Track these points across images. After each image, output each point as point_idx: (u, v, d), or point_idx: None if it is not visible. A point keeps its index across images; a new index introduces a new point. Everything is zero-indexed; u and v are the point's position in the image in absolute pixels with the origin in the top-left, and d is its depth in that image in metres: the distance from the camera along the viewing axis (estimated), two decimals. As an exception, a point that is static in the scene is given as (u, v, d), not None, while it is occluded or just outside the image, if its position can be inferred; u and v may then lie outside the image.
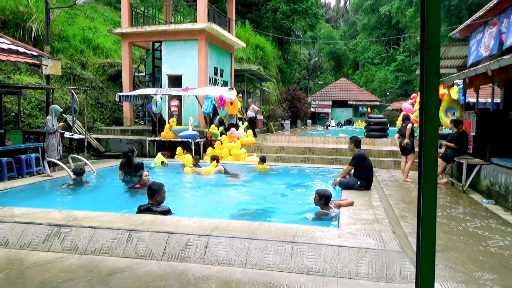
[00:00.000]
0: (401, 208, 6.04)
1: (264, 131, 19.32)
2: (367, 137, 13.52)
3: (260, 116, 19.98)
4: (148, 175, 6.83)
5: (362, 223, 4.46)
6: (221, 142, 11.45)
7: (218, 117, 13.42)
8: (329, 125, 31.57)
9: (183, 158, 10.26)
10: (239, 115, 14.25)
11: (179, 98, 13.98)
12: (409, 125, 8.36)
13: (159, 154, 10.28)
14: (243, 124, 13.07)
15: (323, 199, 5.19)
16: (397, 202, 6.46)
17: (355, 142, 6.88)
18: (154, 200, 4.80)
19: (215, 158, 8.92)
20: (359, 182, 6.65)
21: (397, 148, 10.42)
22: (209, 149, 11.40)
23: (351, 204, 5.38)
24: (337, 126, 33.80)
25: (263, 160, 9.74)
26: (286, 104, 26.14)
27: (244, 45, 17.61)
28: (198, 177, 8.55)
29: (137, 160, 8.03)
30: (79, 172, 7.58)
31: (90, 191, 7.09)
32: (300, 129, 24.81)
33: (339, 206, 5.24)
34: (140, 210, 4.76)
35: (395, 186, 7.97)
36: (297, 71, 40.54)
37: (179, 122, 13.93)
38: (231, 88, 12.96)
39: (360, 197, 6.01)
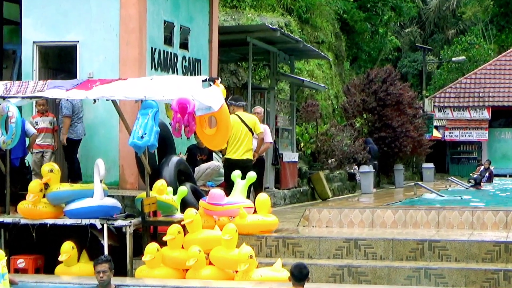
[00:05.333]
0: None
1: (304, 196, 19.86)
2: None
3: (292, 157, 19.88)
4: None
5: None
6: (183, 227, 11.68)
7: (175, 159, 13.87)
8: (479, 179, 31.70)
9: None
10: (244, 155, 14.62)
11: (67, 107, 14.21)
12: None
13: None
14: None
15: None
16: None
17: None
18: None
19: None
20: None
21: None
22: (150, 246, 11.42)
23: None
24: (482, 180, 33.18)
25: (298, 276, 9.52)
26: (362, 121, 27.34)
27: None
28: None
29: None
30: None
31: None
32: (404, 189, 26.05)
33: None
34: None
35: None
36: (392, 31, 39.79)
37: (66, 175, 14.08)
38: (211, 81, 13.11)
39: None
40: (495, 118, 41.70)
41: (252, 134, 14.74)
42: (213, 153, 15.83)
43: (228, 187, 13.58)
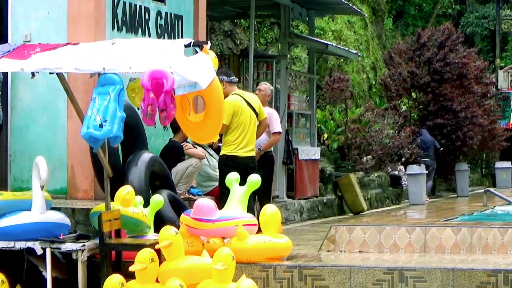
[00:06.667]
0: None
1: (328, 209, 20.43)
2: None
3: (311, 153, 20.47)
4: None
5: None
6: (157, 253, 11.78)
7: (146, 156, 14.30)
8: None
9: None
10: (253, 151, 15.46)
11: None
12: None
13: None
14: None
15: None
16: None
17: None
18: None
19: None
20: None
21: None
22: (111, 279, 11.48)
23: None
24: None
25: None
26: (411, 102, 28.22)
27: None
28: None
29: None
30: None
31: None
32: (470, 198, 27.17)
33: None
34: None
35: None
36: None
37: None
38: (197, 46, 13.38)
39: None
40: None
41: None
42: (202, 148, 16.01)
43: (222, 195, 13.89)
